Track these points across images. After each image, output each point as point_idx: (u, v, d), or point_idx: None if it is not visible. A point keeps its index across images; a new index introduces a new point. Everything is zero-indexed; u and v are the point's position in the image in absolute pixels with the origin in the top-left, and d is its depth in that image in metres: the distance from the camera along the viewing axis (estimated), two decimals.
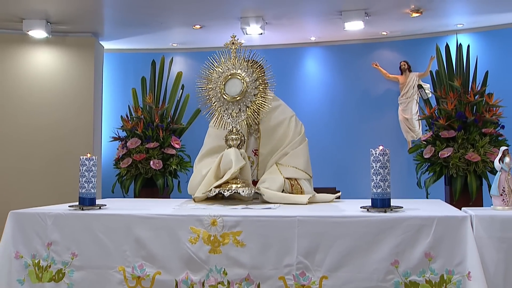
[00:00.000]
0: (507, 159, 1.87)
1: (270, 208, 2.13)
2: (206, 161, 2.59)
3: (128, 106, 5.26)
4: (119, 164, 4.93)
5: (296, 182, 2.51)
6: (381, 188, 1.93)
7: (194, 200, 2.49)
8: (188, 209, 2.13)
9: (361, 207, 1.98)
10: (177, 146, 4.90)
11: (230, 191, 2.28)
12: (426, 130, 4.66)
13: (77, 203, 2.23)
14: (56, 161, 5.42)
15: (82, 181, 2.22)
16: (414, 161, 4.52)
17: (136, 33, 5.70)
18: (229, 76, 2.41)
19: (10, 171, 5.22)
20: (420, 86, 4.99)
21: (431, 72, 4.75)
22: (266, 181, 2.49)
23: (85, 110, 5.53)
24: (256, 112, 2.40)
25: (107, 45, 6.06)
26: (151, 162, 4.74)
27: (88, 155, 2.25)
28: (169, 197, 5.16)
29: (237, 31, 5.12)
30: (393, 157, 6.10)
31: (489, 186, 4.12)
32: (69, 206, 2.21)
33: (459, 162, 4.11)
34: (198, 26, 5.41)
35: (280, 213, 1.95)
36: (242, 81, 2.39)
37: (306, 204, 2.29)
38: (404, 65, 5.84)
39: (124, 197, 4.98)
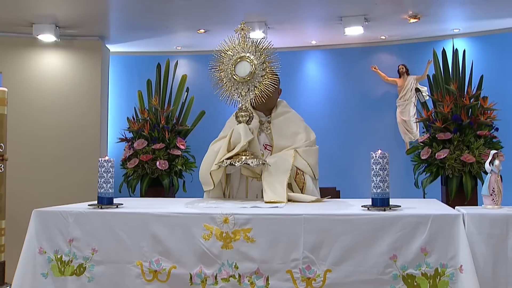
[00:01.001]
0: (496, 162, 2.03)
1: (277, 207, 2.29)
2: (219, 142, 2.79)
3: (134, 108, 5.41)
4: (126, 164, 5.08)
5: (302, 173, 2.71)
6: (380, 189, 2.09)
7: (210, 174, 2.68)
8: (201, 208, 2.27)
9: (362, 206, 2.13)
10: (182, 147, 5.06)
11: (240, 162, 2.52)
12: (423, 132, 4.83)
13: (96, 202, 2.37)
14: (64, 160, 5.55)
15: (100, 181, 2.36)
16: (411, 162, 4.69)
17: (142, 36, 5.84)
18: (239, 59, 2.60)
19: (20, 170, 5.34)
20: (417, 90, 5.15)
21: (428, 76, 4.91)
22: (277, 157, 2.73)
23: (92, 111, 5.66)
24: (263, 92, 2.60)
25: (112, 48, 6.20)
26: (157, 163, 4.90)
27: (106, 157, 2.39)
28: (174, 197, 5.31)
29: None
30: (392, 158, 6.25)
31: None
32: (89, 205, 2.35)
33: (455, 163, 4.28)
34: (202, 31, 5.56)
35: (288, 212, 2.10)
36: (251, 63, 2.58)
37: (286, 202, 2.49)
38: (402, 68, 5.99)
39: (130, 196, 5.13)
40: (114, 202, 2.38)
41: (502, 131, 4.62)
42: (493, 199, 2.02)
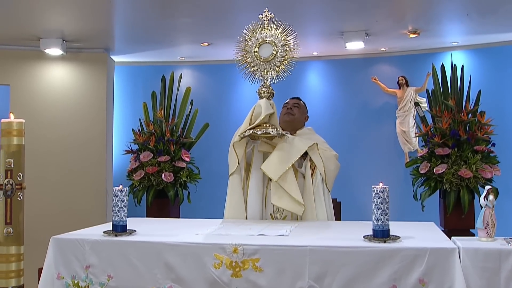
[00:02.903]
0: (490, 197, 2.15)
1: (283, 235, 2.41)
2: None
3: (140, 119, 5.52)
4: (132, 176, 5.20)
5: (314, 168, 3.01)
6: (381, 221, 2.21)
7: (233, 146, 2.98)
8: (212, 237, 2.40)
9: (363, 237, 2.25)
10: (187, 159, 5.17)
11: (261, 130, 2.78)
12: (422, 146, 4.94)
13: (110, 229, 2.50)
14: (70, 172, 5.65)
15: (115, 210, 2.48)
16: (410, 175, 4.81)
17: (146, 49, 5.95)
18: (262, 42, 2.90)
19: (27, 182, 5.44)
20: (417, 104, 5.27)
21: (427, 90, 5.02)
22: (296, 138, 3.04)
23: (98, 123, 5.75)
24: (283, 70, 2.85)
25: (117, 58, 6.30)
26: (163, 175, 5.01)
27: (120, 186, 2.51)
28: (179, 208, 5.44)
29: None
30: (391, 167, 6.38)
31: None
32: (103, 232, 2.48)
33: (452, 177, 4.40)
34: (205, 44, 5.66)
35: (294, 243, 2.22)
36: (273, 46, 2.87)
37: (276, 180, 2.87)
38: (402, 80, 6.10)
39: (136, 206, 5.25)
40: (127, 227, 2.51)
41: (499, 144, 4.72)
42: (487, 232, 2.14)
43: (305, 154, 3.06)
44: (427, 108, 5.41)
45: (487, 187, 2.17)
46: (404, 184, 5.83)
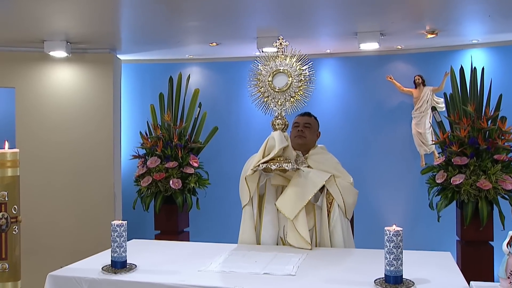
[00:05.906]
0: None
1: (290, 274, 2.28)
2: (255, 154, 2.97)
3: (147, 122, 5.39)
4: (140, 181, 5.09)
5: (332, 201, 2.91)
6: (394, 267, 2.07)
7: (245, 179, 2.88)
8: (214, 276, 2.28)
9: (375, 281, 2.11)
10: (195, 164, 5.04)
11: (275, 165, 2.70)
12: (440, 153, 4.74)
13: (109, 265, 2.40)
14: (77, 176, 5.56)
15: (114, 246, 2.38)
16: (426, 184, 4.62)
17: (153, 48, 5.80)
18: (277, 72, 2.80)
19: (33, 186, 5.38)
20: (434, 108, 5.03)
21: (445, 94, 4.78)
22: (312, 171, 2.93)
23: (105, 125, 5.63)
24: (298, 101, 2.79)
25: (124, 57, 6.16)
26: (171, 182, 4.89)
27: (119, 221, 2.40)
28: (188, 214, 5.33)
29: (254, 47, 5.20)
30: (406, 170, 6.15)
31: (500, 213, 4.23)
32: (102, 268, 2.38)
33: (470, 188, 4.20)
34: (214, 44, 5.48)
35: None
36: (288, 75, 2.78)
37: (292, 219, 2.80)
38: (418, 79, 5.85)
39: (144, 212, 5.16)
40: (127, 261, 2.41)
41: None
42: (510, 282, 1.98)
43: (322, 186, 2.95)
44: (444, 109, 5.18)
45: (511, 232, 1.99)
46: (420, 187, 5.65)
